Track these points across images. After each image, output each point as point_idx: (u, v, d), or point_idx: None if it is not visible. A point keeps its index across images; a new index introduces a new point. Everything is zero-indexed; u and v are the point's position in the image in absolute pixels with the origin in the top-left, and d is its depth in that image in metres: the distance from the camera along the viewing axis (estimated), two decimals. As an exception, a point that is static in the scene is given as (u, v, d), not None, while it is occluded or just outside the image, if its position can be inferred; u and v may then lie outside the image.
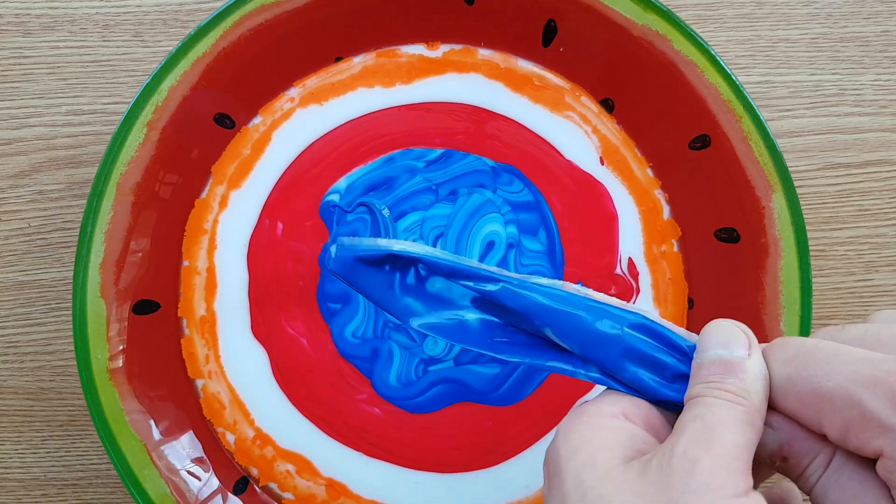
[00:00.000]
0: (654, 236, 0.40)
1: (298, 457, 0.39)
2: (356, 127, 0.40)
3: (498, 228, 0.40)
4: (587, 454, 0.21)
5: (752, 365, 0.22)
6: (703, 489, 0.19)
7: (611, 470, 0.20)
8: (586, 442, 0.21)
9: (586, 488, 0.20)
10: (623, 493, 0.20)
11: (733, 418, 0.20)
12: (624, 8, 0.37)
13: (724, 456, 0.20)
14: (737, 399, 0.21)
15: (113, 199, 0.36)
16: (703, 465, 0.19)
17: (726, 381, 0.21)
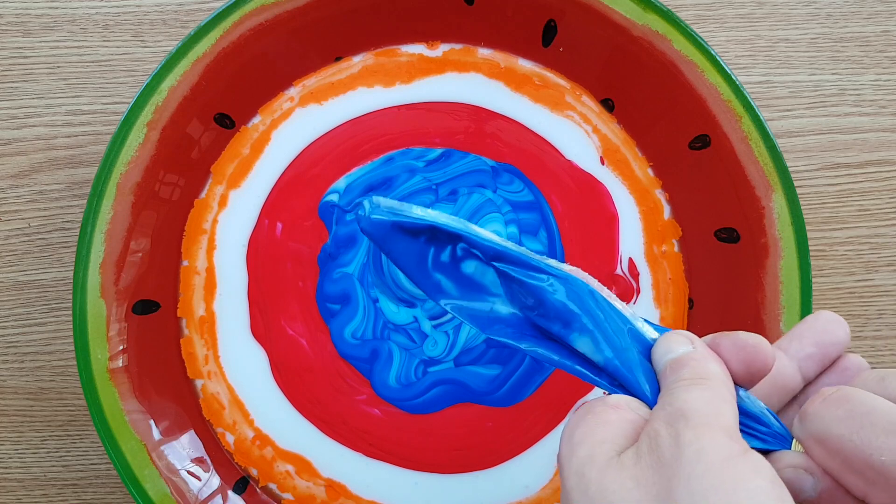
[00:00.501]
0: (654, 236, 0.40)
1: (298, 457, 0.39)
2: (356, 126, 0.40)
3: (498, 228, 0.40)
4: (587, 449, 0.21)
5: (697, 354, 0.23)
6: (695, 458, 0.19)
7: (610, 461, 0.21)
8: (587, 437, 0.22)
9: (588, 482, 0.21)
10: (623, 482, 0.20)
11: (700, 396, 0.21)
12: (624, 8, 0.37)
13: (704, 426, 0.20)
14: (696, 381, 0.22)
15: (113, 199, 0.36)
16: (685, 438, 0.20)
17: (681, 372, 0.22)
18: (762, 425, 0.23)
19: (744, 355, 0.23)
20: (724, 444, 0.20)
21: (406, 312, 0.39)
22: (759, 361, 0.23)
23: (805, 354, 0.25)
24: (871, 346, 0.42)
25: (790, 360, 0.25)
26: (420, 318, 0.39)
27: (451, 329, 0.39)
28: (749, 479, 0.19)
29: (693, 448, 0.20)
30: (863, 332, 0.42)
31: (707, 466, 0.19)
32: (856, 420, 0.21)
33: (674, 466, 0.20)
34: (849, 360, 0.25)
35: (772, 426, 0.23)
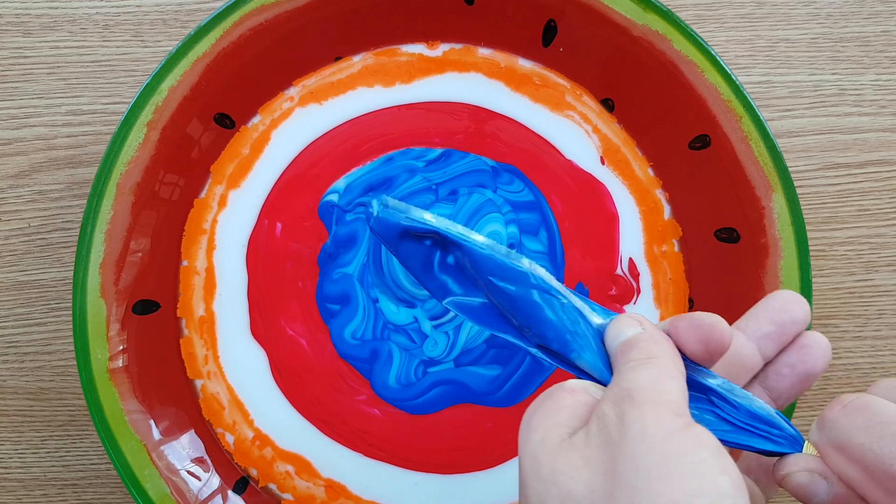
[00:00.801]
0: (654, 236, 0.40)
1: (298, 457, 0.39)
2: (355, 126, 0.40)
3: (499, 228, 0.40)
4: (542, 433, 0.22)
5: (646, 335, 0.23)
6: (639, 435, 0.20)
7: (562, 443, 0.21)
8: (542, 421, 0.22)
9: (540, 465, 0.21)
10: (574, 462, 0.21)
11: (646, 375, 0.22)
12: (624, 8, 0.37)
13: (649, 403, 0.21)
14: (644, 361, 0.22)
15: (113, 199, 0.36)
16: (630, 416, 0.20)
17: (630, 354, 0.23)
18: (774, 428, 0.23)
19: (701, 334, 0.23)
20: (667, 420, 0.20)
21: (406, 313, 0.39)
22: (716, 340, 0.23)
23: (763, 334, 0.25)
24: (871, 346, 0.42)
25: (748, 339, 0.25)
26: (420, 319, 0.39)
27: (452, 329, 0.39)
28: (691, 451, 0.19)
29: (637, 426, 0.20)
30: (863, 332, 0.42)
31: (651, 443, 0.20)
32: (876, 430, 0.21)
33: (619, 444, 0.20)
34: (808, 337, 0.26)
35: (784, 429, 0.23)
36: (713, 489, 0.19)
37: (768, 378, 0.26)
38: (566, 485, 0.20)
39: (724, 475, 0.19)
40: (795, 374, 0.26)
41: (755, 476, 0.27)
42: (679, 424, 0.20)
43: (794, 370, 0.26)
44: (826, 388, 0.42)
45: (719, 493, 0.19)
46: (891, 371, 0.42)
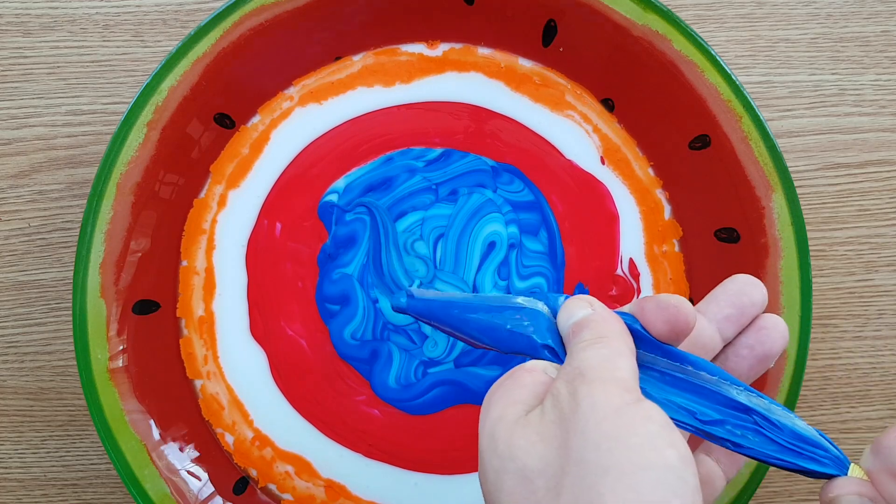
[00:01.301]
0: (655, 236, 0.40)
1: (297, 458, 0.39)
2: (355, 126, 0.40)
3: (499, 228, 0.40)
4: (499, 411, 0.23)
5: (596, 315, 0.24)
6: (589, 410, 0.21)
7: (518, 420, 0.22)
8: (500, 400, 0.23)
9: (497, 441, 0.22)
10: (529, 437, 0.21)
11: (597, 354, 0.23)
12: (624, 8, 0.37)
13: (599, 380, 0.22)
14: (595, 341, 0.23)
15: (113, 199, 0.36)
16: (581, 392, 0.21)
17: (581, 334, 0.24)
18: (819, 448, 0.24)
19: (667, 315, 0.24)
20: (616, 395, 0.21)
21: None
22: (682, 321, 0.24)
23: (723, 316, 0.26)
24: (871, 346, 0.42)
25: (709, 321, 0.26)
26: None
27: (452, 330, 0.39)
28: (640, 424, 0.20)
29: (588, 401, 0.21)
30: (863, 332, 0.42)
31: (600, 417, 0.20)
32: None
33: (571, 420, 0.21)
34: (766, 319, 0.27)
35: (829, 451, 0.24)
36: (660, 462, 0.20)
37: (728, 359, 0.27)
38: (522, 459, 0.21)
39: (671, 448, 0.20)
40: (754, 356, 0.27)
41: (716, 457, 0.28)
42: (628, 399, 0.21)
43: (752, 351, 0.27)
44: (826, 388, 0.42)
45: (666, 466, 0.20)
46: (891, 371, 0.42)
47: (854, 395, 0.42)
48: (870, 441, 0.42)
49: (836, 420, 0.42)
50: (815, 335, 0.41)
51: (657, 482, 0.19)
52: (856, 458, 0.41)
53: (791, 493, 0.42)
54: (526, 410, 0.23)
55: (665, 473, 0.19)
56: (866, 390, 0.42)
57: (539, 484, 0.21)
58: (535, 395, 0.23)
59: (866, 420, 0.42)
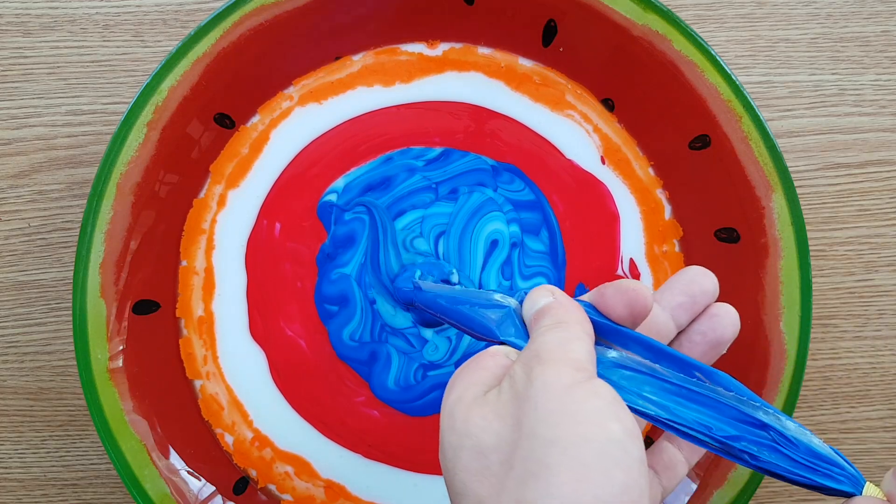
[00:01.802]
0: (655, 236, 0.40)
1: (297, 458, 0.39)
2: (355, 126, 0.40)
3: (500, 227, 0.39)
4: (459, 391, 0.24)
5: (556, 303, 0.26)
6: (541, 388, 0.22)
7: (476, 399, 0.23)
8: (461, 381, 0.25)
9: (455, 419, 0.23)
10: (485, 415, 0.23)
11: (554, 337, 0.24)
12: (624, 8, 0.37)
13: (552, 361, 0.23)
14: (553, 326, 0.24)
15: (113, 199, 0.36)
16: (535, 372, 0.22)
17: (542, 321, 0.25)
18: (835, 466, 0.24)
19: (626, 299, 0.26)
20: (568, 374, 0.22)
21: (403, 316, 0.39)
22: (640, 304, 0.25)
23: (676, 303, 0.27)
24: (871, 346, 0.42)
25: (662, 309, 0.27)
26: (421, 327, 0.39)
27: (454, 334, 0.39)
28: (587, 401, 0.21)
29: (540, 380, 0.22)
30: (863, 332, 0.42)
31: (552, 394, 0.22)
32: None
33: (525, 397, 0.22)
34: (718, 307, 0.28)
35: (845, 469, 0.24)
36: (604, 435, 0.21)
37: (682, 345, 0.28)
38: (478, 436, 0.22)
39: (616, 423, 0.21)
40: (706, 342, 0.28)
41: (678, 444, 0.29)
42: (578, 378, 0.22)
43: (705, 337, 0.28)
44: (826, 388, 0.42)
45: (609, 439, 0.21)
46: (891, 371, 0.42)
47: (854, 395, 0.42)
48: (870, 441, 0.42)
49: (836, 420, 0.42)
50: (815, 335, 0.41)
51: (600, 453, 0.20)
52: (857, 458, 0.41)
53: (791, 493, 0.42)
54: (484, 391, 0.24)
55: (608, 445, 0.21)
56: (866, 390, 0.42)
57: (493, 459, 0.22)
58: (494, 377, 0.24)
59: (866, 420, 0.42)
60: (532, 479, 0.20)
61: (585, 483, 0.20)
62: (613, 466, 0.20)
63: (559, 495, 0.20)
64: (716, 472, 0.37)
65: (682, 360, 0.26)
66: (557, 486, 0.20)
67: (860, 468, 0.42)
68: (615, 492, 0.20)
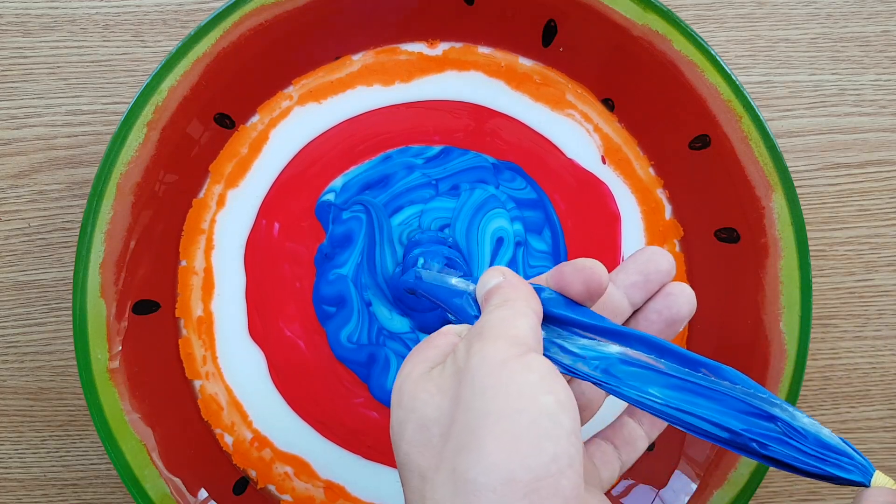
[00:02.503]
0: (656, 236, 0.40)
1: (297, 459, 0.39)
2: (354, 125, 0.40)
3: (505, 224, 0.39)
4: (408, 369, 0.25)
5: (505, 283, 0.26)
6: (479, 362, 0.23)
7: (422, 375, 0.24)
8: (412, 359, 0.26)
9: (402, 395, 0.24)
10: (429, 389, 0.24)
11: (498, 315, 0.25)
12: (624, 8, 0.37)
13: (492, 337, 0.23)
14: (500, 304, 0.25)
15: (113, 199, 0.36)
16: (474, 348, 0.23)
17: (491, 301, 0.26)
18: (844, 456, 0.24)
19: (583, 276, 0.26)
20: (504, 349, 0.23)
21: (400, 321, 0.39)
22: (595, 281, 0.26)
23: (630, 283, 0.28)
24: (871, 346, 0.42)
25: (618, 288, 0.28)
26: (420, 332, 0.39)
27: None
28: (522, 374, 0.22)
29: (479, 356, 0.23)
30: (863, 332, 0.42)
31: (488, 368, 0.22)
32: None
33: (464, 372, 0.23)
34: (673, 286, 0.28)
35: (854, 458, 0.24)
36: (535, 407, 0.21)
37: (639, 323, 0.29)
38: (421, 410, 0.23)
39: (548, 395, 0.22)
40: (662, 319, 0.28)
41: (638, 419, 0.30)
42: (515, 353, 0.23)
43: (660, 315, 0.28)
44: (826, 388, 0.42)
45: (541, 410, 0.21)
46: (891, 371, 0.42)
47: (854, 395, 0.42)
48: (870, 441, 0.42)
49: (836, 420, 0.42)
50: (815, 335, 0.41)
51: (531, 424, 0.21)
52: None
53: (791, 493, 0.42)
54: (431, 367, 0.25)
55: (540, 417, 0.21)
56: (866, 390, 0.42)
57: (434, 431, 0.23)
58: (442, 355, 0.25)
59: (866, 420, 0.42)
60: (466, 449, 0.21)
61: (516, 453, 0.21)
62: (544, 437, 0.21)
63: (490, 464, 0.21)
64: (716, 472, 0.37)
65: (688, 357, 0.26)
66: (488, 455, 0.21)
67: (860, 468, 0.42)
68: (545, 461, 0.21)
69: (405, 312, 0.39)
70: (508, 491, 0.20)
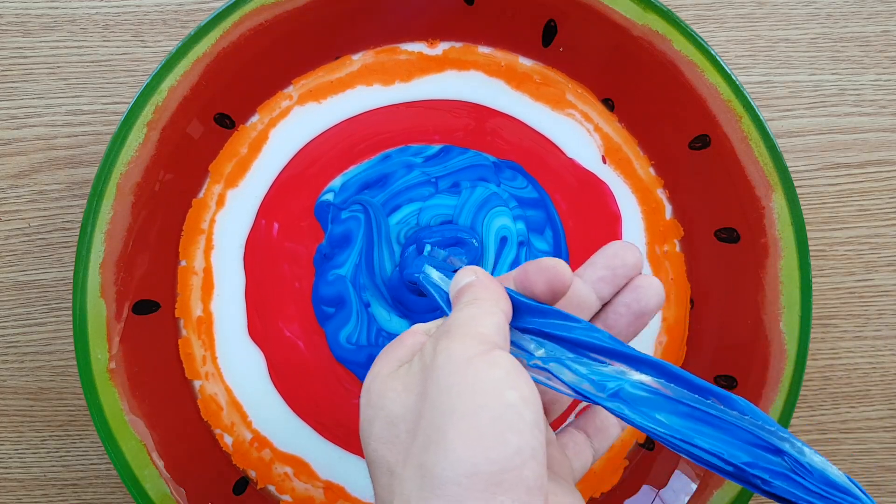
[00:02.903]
0: (656, 236, 0.40)
1: (296, 459, 0.39)
2: (353, 125, 0.40)
3: (508, 223, 0.39)
4: (377, 368, 0.26)
5: (476, 282, 0.27)
6: (445, 360, 0.23)
7: (390, 374, 0.25)
8: (381, 359, 0.26)
9: (371, 393, 0.25)
10: (396, 387, 0.24)
11: (466, 313, 0.25)
12: (624, 8, 0.37)
13: (459, 335, 0.24)
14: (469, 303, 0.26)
15: (113, 199, 0.36)
16: (441, 345, 0.23)
17: (461, 299, 0.26)
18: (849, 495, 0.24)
19: (546, 276, 0.27)
20: (470, 347, 0.23)
21: (399, 322, 0.39)
22: (558, 280, 0.27)
23: (597, 277, 0.28)
24: (871, 346, 0.42)
25: (585, 283, 0.28)
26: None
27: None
28: (486, 371, 0.22)
29: (445, 353, 0.23)
30: (863, 332, 0.42)
31: (454, 366, 0.23)
32: None
33: (430, 369, 0.23)
34: (641, 279, 0.29)
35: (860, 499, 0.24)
36: (499, 402, 0.22)
37: (608, 317, 0.29)
38: (388, 408, 0.24)
39: (512, 390, 0.22)
40: (631, 312, 0.28)
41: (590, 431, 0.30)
42: (481, 350, 0.23)
43: (629, 309, 0.28)
44: (826, 388, 0.42)
45: (504, 405, 0.22)
46: (891, 371, 0.42)
47: (854, 395, 0.42)
48: (870, 441, 0.42)
49: (836, 420, 0.42)
50: (815, 335, 0.41)
51: (495, 418, 0.21)
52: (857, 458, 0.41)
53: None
54: (399, 366, 0.25)
55: (504, 411, 0.22)
56: (866, 390, 0.42)
57: (401, 428, 0.23)
58: (411, 353, 0.26)
59: (866, 420, 0.42)
60: (432, 445, 0.22)
61: (479, 447, 0.21)
62: (507, 430, 0.21)
63: (455, 459, 0.21)
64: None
65: (696, 384, 0.25)
66: (454, 450, 0.21)
67: (860, 468, 0.42)
68: (508, 453, 0.21)
69: (404, 314, 0.39)
70: (472, 484, 0.21)
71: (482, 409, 0.22)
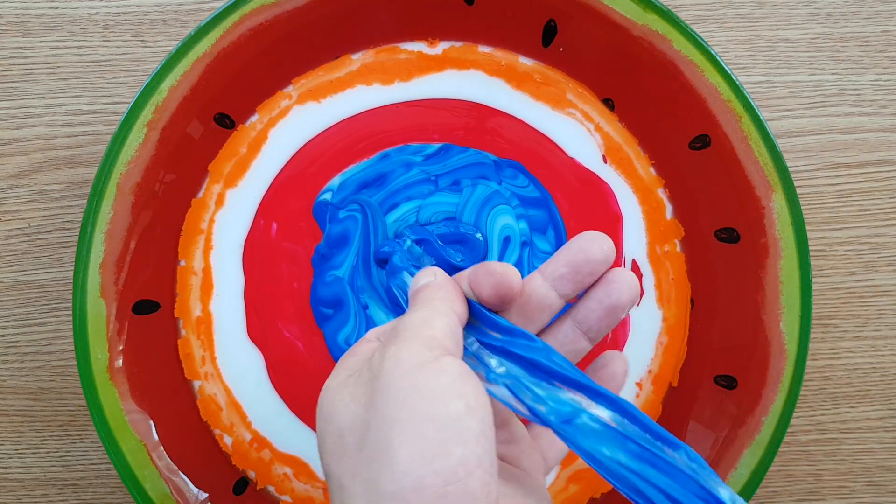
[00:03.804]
0: (657, 236, 0.40)
1: (296, 460, 0.39)
2: (353, 124, 0.40)
3: (511, 222, 0.39)
4: (329, 380, 0.25)
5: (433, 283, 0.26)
6: (393, 366, 0.22)
7: (340, 384, 0.24)
8: (335, 369, 0.26)
9: (322, 405, 0.24)
10: (344, 398, 0.23)
11: (417, 315, 0.24)
12: (624, 8, 0.37)
13: (408, 338, 0.23)
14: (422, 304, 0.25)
15: (113, 199, 0.36)
16: (389, 351, 0.23)
17: (415, 300, 0.26)
18: None
19: (492, 280, 0.26)
20: (419, 352, 0.23)
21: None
22: (505, 286, 0.26)
23: (558, 275, 0.27)
24: (871, 346, 0.42)
25: (545, 280, 0.28)
26: None
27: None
28: (433, 378, 0.22)
29: (393, 359, 0.22)
30: (863, 332, 0.42)
31: (402, 372, 0.22)
32: None
33: (378, 376, 0.23)
34: (614, 273, 0.28)
35: None
36: (445, 412, 0.21)
37: (580, 312, 0.28)
38: (337, 420, 0.23)
39: (458, 399, 0.21)
40: (603, 308, 0.27)
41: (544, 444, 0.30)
42: (429, 356, 0.22)
43: (601, 304, 0.27)
44: (826, 388, 0.42)
45: (450, 415, 0.21)
46: (891, 371, 0.42)
47: (854, 395, 0.42)
48: (870, 441, 0.42)
49: (836, 420, 0.42)
50: (815, 335, 0.41)
51: (440, 429, 0.21)
52: (857, 458, 0.41)
53: (791, 493, 0.42)
54: (349, 375, 0.25)
55: (448, 422, 0.21)
56: (866, 390, 0.42)
57: (349, 440, 0.22)
58: (362, 361, 0.25)
59: (866, 420, 0.42)
60: (378, 457, 0.21)
61: (424, 459, 0.21)
62: (451, 441, 0.21)
63: (400, 472, 0.20)
64: (715, 471, 0.37)
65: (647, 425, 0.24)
66: (399, 463, 0.21)
67: (860, 468, 0.42)
68: (452, 465, 0.20)
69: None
70: (417, 498, 0.20)
71: (428, 420, 0.21)
